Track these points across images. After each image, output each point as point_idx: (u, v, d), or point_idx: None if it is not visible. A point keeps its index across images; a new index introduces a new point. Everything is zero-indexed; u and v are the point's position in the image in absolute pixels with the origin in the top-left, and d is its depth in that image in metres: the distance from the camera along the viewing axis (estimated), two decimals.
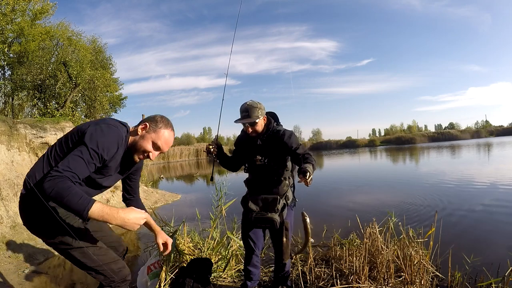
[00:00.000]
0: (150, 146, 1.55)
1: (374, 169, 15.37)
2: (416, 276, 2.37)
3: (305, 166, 1.82)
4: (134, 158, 1.58)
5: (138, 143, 1.54)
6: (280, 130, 2.19)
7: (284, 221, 2.13)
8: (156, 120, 1.58)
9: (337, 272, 2.55)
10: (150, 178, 13.12)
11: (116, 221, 1.29)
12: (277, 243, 2.22)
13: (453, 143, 37.04)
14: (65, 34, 11.74)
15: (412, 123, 66.15)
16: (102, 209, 1.26)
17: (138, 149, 1.55)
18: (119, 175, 1.66)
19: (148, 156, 1.58)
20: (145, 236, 5.02)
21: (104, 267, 1.55)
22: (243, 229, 2.32)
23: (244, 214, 2.28)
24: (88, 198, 1.25)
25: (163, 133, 1.57)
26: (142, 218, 1.40)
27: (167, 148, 1.61)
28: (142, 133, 1.55)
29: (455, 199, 6.16)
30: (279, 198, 2.12)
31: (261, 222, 2.12)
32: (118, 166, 1.57)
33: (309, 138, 64.80)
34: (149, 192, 8.98)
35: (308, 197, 7.83)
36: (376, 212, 5.23)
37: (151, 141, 1.55)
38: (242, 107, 2.12)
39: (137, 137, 1.56)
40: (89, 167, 1.36)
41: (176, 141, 54.62)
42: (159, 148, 1.58)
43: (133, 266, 3.79)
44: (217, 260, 3.02)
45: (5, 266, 3.49)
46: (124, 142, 1.51)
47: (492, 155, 17.43)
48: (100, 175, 1.50)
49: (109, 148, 1.41)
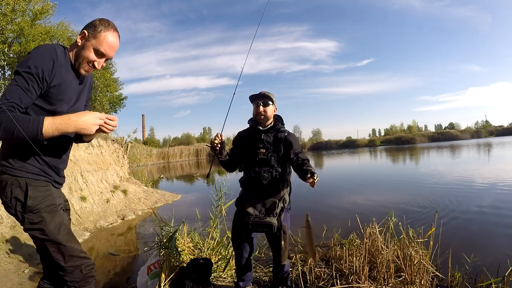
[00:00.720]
0: (93, 54, 1.41)
1: (374, 169, 15.38)
2: (416, 276, 2.37)
3: (311, 168, 1.89)
4: (80, 73, 1.45)
5: (80, 54, 1.41)
6: (286, 130, 2.22)
7: (282, 224, 2.08)
8: (94, 24, 1.41)
9: (337, 272, 2.55)
10: (150, 178, 13.12)
11: (71, 127, 1.23)
12: (275, 247, 2.19)
13: (453, 143, 37.06)
14: (65, 34, 11.73)
15: (412, 123, 66.14)
16: (54, 121, 1.20)
17: (81, 61, 1.42)
18: (79, 103, 1.53)
19: (94, 66, 1.44)
20: (145, 236, 5.02)
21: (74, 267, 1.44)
22: (235, 231, 2.26)
23: (238, 216, 2.23)
24: (36, 118, 1.19)
25: (105, 36, 1.41)
26: (98, 117, 1.33)
27: (112, 52, 1.47)
28: (82, 43, 1.41)
29: (455, 199, 6.16)
30: (277, 201, 2.08)
31: (259, 227, 2.05)
32: (73, 91, 1.45)
33: (309, 138, 64.81)
34: (149, 192, 8.98)
35: (308, 197, 7.83)
36: (376, 212, 5.22)
37: (92, 49, 1.40)
38: (259, 92, 2.22)
39: (78, 49, 1.42)
40: (29, 93, 1.25)
41: (176, 141, 54.62)
42: (103, 54, 1.44)
43: (133, 266, 3.79)
44: (217, 260, 3.02)
45: (5, 266, 3.49)
46: (64, 58, 1.38)
47: (492, 155, 17.42)
48: (57, 105, 1.37)
49: (43, 64, 1.28)
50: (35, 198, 1.35)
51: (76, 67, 1.43)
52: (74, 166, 6.43)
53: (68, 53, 1.42)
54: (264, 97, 2.17)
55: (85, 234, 5.18)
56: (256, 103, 2.19)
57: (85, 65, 1.43)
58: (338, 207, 6.44)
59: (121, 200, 7.19)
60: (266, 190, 2.11)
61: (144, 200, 8.01)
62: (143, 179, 10.41)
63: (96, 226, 5.73)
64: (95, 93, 12.65)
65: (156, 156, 33.08)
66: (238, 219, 2.22)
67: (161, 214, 4.70)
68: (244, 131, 2.32)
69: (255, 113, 2.19)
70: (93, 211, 6.10)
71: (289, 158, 2.14)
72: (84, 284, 1.49)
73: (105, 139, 8.75)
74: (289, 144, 2.13)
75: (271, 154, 2.13)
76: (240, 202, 2.24)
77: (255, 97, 2.21)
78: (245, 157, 2.21)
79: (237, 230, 2.24)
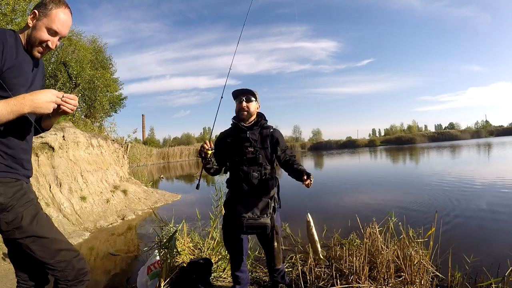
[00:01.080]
0: (46, 34, 1.36)
1: (374, 169, 15.37)
2: (416, 276, 2.37)
3: (305, 168, 1.90)
4: (34, 55, 1.39)
5: (32, 35, 1.35)
6: (270, 126, 2.19)
7: (275, 225, 2.04)
8: (44, 3, 1.36)
9: (337, 272, 2.55)
10: (150, 178, 13.12)
11: (27, 106, 1.18)
12: (268, 248, 2.15)
13: (453, 143, 37.05)
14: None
15: (412, 123, 66.12)
16: (7, 104, 1.15)
17: (33, 43, 1.36)
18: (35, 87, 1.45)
19: (48, 46, 1.39)
20: (145, 236, 5.02)
21: (64, 263, 1.38)
22: (226, 234, 2.20)
23: (228, 218, 2.16)
24: None
25: (56, 13, 1.36)
26: (54, 94, 1.27)
27: (65, 29, 1.41)
28: (33, 23, 1.36)
29: (455, 199, 6.16)
30: (269, 201, 2.02)
31: (253, 229, 1.98)
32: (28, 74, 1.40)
33: (309, 138, 64.80)
34: (149, 192, 8.98)
35: (308, 197, 7.83)
36: (376, 212, 5.22)
37: (44, 28, 1.35)
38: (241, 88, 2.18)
39: (29, 30, 1.36)
40: None
41: (176, 141, 54.57)
42: (56, 32, 1.38)
43: (133, 266, 3.79)
44: (217, 260, 3.02)
45: (5, 266, 3.49)
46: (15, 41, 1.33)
47: (492, 155, 17.42)
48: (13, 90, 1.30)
49: None
50: (6, 194, 1.28)
51: (29, 49, 1.38)
52: (74, 166, 6.44)
53: (19, 36, 1.37)
54: (247, 93, 2.14)
55: (85, 234, 5.18)
56: (239, 99, 2.14)
57: (38, 47, 1.38)
58: (338, 207, 6.44)
59: (121, 200, 7.19)
60: (256, 189, 2.05)
61: (144, 200, 8.01)
62: (143, 179, 10.41)
63: (96, 226, 5.73)
64: (95, 93, 12.64)
65: (156, 156, 33.06)
66: (229, 222, 2.15)
67: (161, 214, 4.70)
68: (227, 131, 2.24)
69: (238, 109, 2.15)
70: (93, 211, 6.10)
71: (276, 155, 2.12)
72: (77, 283, 1.42)
73: (105, 139, 8.75)
74: (276, 141, 2.11)
75: (259, 152, 2.07)
76: (229, 204, 2.14)
77: (238, 93, 2.16)
78: (231, 157, 2.13)
79: (229, 233, 2.18)
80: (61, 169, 6.04)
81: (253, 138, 2.10)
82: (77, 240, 4.82)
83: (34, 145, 5.64)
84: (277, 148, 2.11)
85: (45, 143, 5.91)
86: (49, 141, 6.00)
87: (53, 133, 6.18)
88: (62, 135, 6.46)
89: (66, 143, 6.50)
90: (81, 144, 7.05)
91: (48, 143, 5.98)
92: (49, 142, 6.00)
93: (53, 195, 5.50)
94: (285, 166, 2.08)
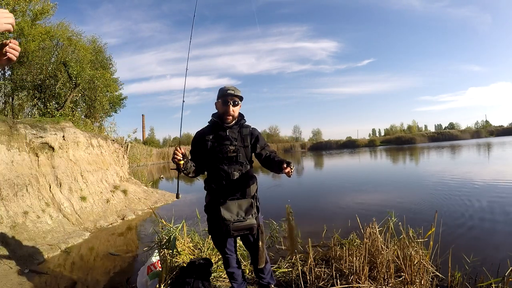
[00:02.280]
0: None
1: (374, 169, 15.37)
2: (416, 276, 2.37)
3: (285, 159, 1.88)
4: None
5: None
6: (249, 125, 2.18)
7: (260, 224, 2.01)
8: None
9: (337, 272, 2.55)
10: (150, 178, 13.12)
11: None
12: (252, 249, 2.12)
13: (453, 143, 37.04)
14: (65, 34, 11.74)
15: (412, 123, 66.03)
16: None
17: None
18: None
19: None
20: (145, 236, 5.02)
21: None
22: (215, 237, 2.16)
23: (212, 222, 2.09)
24: None
25: None
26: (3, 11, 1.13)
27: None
28: None
29: (455, 199, 6.16)
30: (253, 201, 2.00)
31: (240, 231, 1.93)
32: None
33: (309, 138, 64.72)
34: (149, 192, 8.98)
35: (308, 197, 7.83)
36: (376, 212, 5.22)
37: None
38: (228, 86, 2.10)
39: None
40: None
41: (176, 141, 54.56)
42: None
43: (133, 266, 3.79)
44: (217, 260, 3.02)
45: (5, 266, 3.49)
46: None
47: (492, 155, 17.42)
48: None
49: None
50: None
51: None
52: (74, 166, 6.44)
53: None
54: (236, 97, 2.07)
55: (85, 234, 5.18)
56: (226, 101, 2.05)
57: None
58: (338, 206, 6.43)
59: (121, 200, 7.19)
60: (237, 189, 2.02)
61: (144, 200, 8.01)
62: (143, 179, 10.41)
63: (96, 226, 5.73)
64: (95, 93, 12.64)
65: (156, 156, 33.05)
66: (214, 226, 2.10)
67: (161, 214, 4.71)
68: (204, 130, 2.17)
69: (223, 112, 2.06)
70: (93, 211, 6.10)
71: (256, 152, 2.11)
72: None
73: (105, 139, 8.75)
74: (256, 138, 2.11)
75: (239, 150, 2.05)
76: (211, 209, 2.06)
77: (227, 95, 2.07)
78: (210, 157, 2.06)
79: (217, 236, 2.13)
80: (61, 169, 6.04)
81: (233, 136, 2.08)
82: (77, 240, 4.82)
83: (35, 145, 5.65)
84: (257, 145, 2.10)
85: (45, 143, 5.91)
86: (49, 141, 6.00)
87: (53, 133, 6.18)
88: (62, 135, 6.46)
89: (66, 143, 6.50)
90: (81, 144, 7.05)
91: (48, 143, 5.97)
92: (49, 142, 5.99)
93: (53, 195, 5.50)
94: (266, 162, 2.05)
